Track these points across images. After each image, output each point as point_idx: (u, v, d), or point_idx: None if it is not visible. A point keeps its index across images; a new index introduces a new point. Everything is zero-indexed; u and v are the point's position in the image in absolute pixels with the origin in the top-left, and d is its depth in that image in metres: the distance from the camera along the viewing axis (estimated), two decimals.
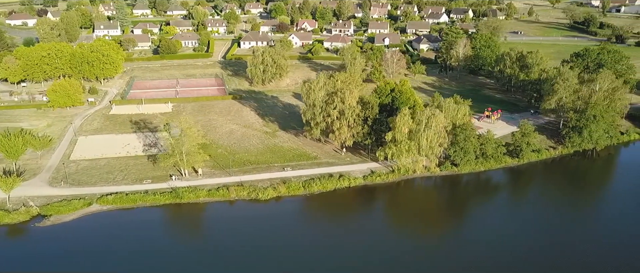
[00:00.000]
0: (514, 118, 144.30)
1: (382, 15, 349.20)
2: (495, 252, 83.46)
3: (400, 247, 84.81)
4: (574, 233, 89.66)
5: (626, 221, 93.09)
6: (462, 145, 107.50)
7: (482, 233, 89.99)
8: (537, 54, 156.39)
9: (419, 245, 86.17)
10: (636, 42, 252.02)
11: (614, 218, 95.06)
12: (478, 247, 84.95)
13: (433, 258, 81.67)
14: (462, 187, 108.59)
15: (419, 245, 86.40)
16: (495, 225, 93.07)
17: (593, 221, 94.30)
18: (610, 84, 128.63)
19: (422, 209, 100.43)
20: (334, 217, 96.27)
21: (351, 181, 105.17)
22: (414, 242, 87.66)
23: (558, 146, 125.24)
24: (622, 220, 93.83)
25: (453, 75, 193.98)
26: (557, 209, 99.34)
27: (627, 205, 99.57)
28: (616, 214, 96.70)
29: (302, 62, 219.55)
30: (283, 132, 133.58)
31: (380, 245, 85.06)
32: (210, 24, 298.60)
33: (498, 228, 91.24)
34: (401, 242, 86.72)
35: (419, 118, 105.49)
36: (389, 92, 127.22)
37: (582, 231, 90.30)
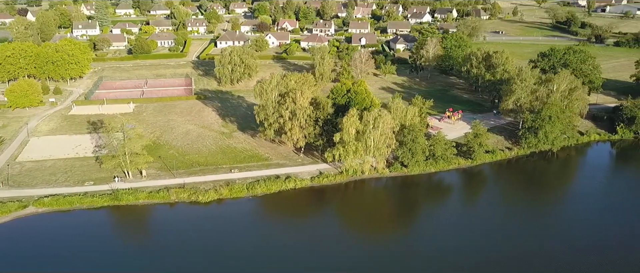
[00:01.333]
0: (476, 118, 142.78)
1: (365, 15, 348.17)
2: (442, 254, 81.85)
3: (340, 249, 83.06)
4: (524, 235, 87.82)
5: (577, 223, 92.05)
6: (410, 146, 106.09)
7: (426, 234, 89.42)
8: (502, 54, 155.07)
9: (360, 249, 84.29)
10: (615, 42, 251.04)
11: (565, 220, 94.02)
12: (424, 248, 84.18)
13: (374, 263, 79.96)
14: (410, 188, 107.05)
15: (359, 248, 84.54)
16: (441, 226, 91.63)
17: (544, 224, 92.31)
18: (568, 84, 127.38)
19: (365, 211, 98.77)
20: (274, 219, 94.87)
21: (297, 183, 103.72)
22: (355, 245, 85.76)
23: (514, 147, 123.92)
24: (574, 221, 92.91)
25: (424, 75, 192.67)
26: (506, 210, 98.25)
27: (580, 207, 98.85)
28: (567, 215, 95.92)
29: (276, 62, 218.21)
30: (240, 133, 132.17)
31: (319, 248, 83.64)
32: (190, 23, 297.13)
33: (444, 230, 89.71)
34: (341, 245, 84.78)
35: (366, 119, 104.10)
36: (345, 93, 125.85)
37: (533, 234, 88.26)
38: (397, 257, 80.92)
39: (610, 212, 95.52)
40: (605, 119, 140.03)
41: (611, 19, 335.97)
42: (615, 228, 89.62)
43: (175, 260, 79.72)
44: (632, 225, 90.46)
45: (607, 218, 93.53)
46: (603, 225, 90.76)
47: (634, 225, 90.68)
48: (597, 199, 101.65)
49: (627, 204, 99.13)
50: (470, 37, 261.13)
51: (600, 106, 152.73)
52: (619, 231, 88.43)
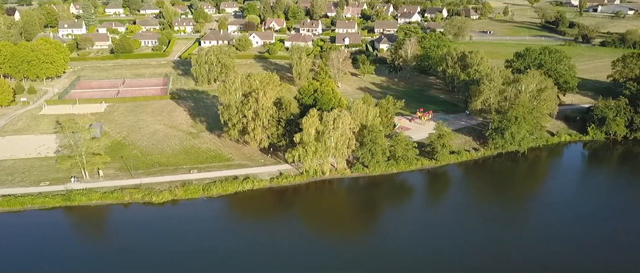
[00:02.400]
0: (448, 118, 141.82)
1: (355, 15, 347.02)
2: (402, 255, 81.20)
3: (293, 251, 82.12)
4: (486, 236, 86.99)
5: (540, 225, 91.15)
6: (369, 147, 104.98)
7: (386, 235, 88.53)
8: (477, 54, 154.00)
9: (315, 251, 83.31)
10: (600, 42, 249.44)
11: (528, 221, 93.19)
12: (383, 249, 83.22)
13: (328, 265, 79.03)
14: (370, 189, 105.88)
15: (314, 250, 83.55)
16: (401, 227, 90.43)
17: (507, 225, 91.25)
18: (537, 84, 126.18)
19: (323, 212, 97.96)
20: (227, 221, 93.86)
21: (255, 184, 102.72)
22: (310, 247, 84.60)
23: (482, 147, 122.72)
24: (537, 223, 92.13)
25: (403, 75, 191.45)
26: (468, 211, 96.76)
27: (544, 208, 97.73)
28: (530, 216, 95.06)
29: (257, 62, 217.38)
30: (208, 133, 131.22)
31: (270, 249, 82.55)
32: (177, 23, 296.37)
33: (404, 231, 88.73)
34: (295, 246, 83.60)
35: (325, 119, 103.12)
36: (312, 93, 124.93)
37: (496, 235, 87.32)
38: (355, 258, 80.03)
39: (573, 214, 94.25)
40: (578, 120, 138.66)
41: (601, 19, 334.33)
42: (577, 230, 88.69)
43: (121, 261, 78.83)
44: (597, 227, 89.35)
45: (570, 219, 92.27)
46: (567, 227, 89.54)
47: (599, 227, 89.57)
48: (561, 200, 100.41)
49: (593, 205, 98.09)
50: (456, 37, 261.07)
51: (574, 107, 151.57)
52: (583, 233, 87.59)
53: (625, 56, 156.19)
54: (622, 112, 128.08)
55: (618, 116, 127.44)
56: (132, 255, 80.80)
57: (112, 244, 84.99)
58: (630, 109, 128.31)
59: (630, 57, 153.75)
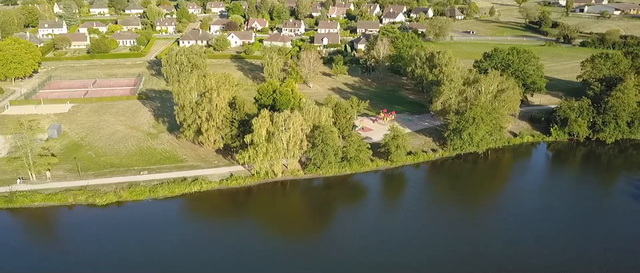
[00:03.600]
0: (411, 119, 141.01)
1: (340, 15, 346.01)
2: (349, 257, 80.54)
3: (236, 254, 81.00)
4: (437, 238, 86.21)
5: (495, 226, 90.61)
6: (321, 148, 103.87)
7: (336, 236, 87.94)
8: (445, 54, 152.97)
9: (259, 253, 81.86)
10: (581, 42, 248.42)
11: (481, 222, 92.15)
12: (333, 250, 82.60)
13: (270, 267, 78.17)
14: (322, 190, 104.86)
15: (259, 252, 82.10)
16: (352, 228, 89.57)
17: (459, 227, 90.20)
18: (499, 85, 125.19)
19: (272, 213, 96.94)
20: (169, 223, 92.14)
21: (203, 186, 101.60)
22: (254, 248, 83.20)
23: (440, 148, 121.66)
24: (492, 224, 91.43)
25: (375, 76, 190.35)
26: (419, 213, 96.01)
27: (498, 210, 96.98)
28: (484, 217, 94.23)
29: (232, 62, 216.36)
30: (168, 134, 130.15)
31: (213, 252, 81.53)
32: (159, 23, 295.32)
33: (355, 232, 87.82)
34: (238, 249, 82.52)
35: (276, 120, 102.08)
36: (271, 94, 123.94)
37: (447, 237, 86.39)
38: (303, 259, 79.58)
39: (528, 215, 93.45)
40: (543, 121, 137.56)
41: (587, 19, 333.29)
42: (532, 230, 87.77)
43: (59, 263, 77.91)
44: (552, 229, 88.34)
45: (524, 221, 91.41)
46: (522, 228, 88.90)
47: (552, 228, 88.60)
48: (517, 201, 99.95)
49: (549, 206, 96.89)
50: (438, 37, 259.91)
51: (542, 107, 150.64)
52: (539, 234, 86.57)
53: (594, 57, 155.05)
54: (585, 113, 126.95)
55: (580, 117, 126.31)
56: (71, 257, 79.91)
57: (52, 246, 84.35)
58: (592, 110, 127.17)
59: (599, 58, 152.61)
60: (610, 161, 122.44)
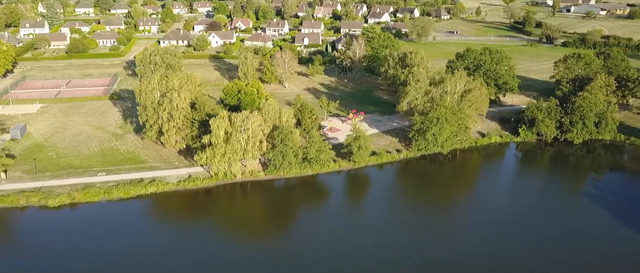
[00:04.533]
0: (381, 120, 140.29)
1: (325, 15, 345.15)
2: (306, 259, 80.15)
3: (188, 256, 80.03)
4: (395, 239, 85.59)
5: (457, 227, 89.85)
6: (280, 148, 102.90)
7: (294, 237, 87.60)
8: (417, 54, 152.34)
9: (212, 255, 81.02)
10: (562, 43, 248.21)
11: (443, 223, 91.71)
12: (287, 253, 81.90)
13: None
14: (282, 192, 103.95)
15: (212, 255, 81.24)
16: (310, 230, 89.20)
17: (421, 226, 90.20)
18: (466, 85, 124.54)
19: (228, 215, 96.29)
20: (122, 225, 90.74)
21: (159, 187, 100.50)
22: (208, 251, 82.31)
23: (405, 149, 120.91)
24: (454, 226, 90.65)
25: (352, 76, 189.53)
26: (380, 213, 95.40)
27: (460, 211, 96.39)
28: (446, 218, 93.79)
29: (211, 62, 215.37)
30: (133, 134, 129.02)
31: (166, 255, 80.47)
32: (142, 23, 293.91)
33: (314, 233, 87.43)
34: (190, 251, 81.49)
35: (234, 120, 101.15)
36: (236, 94, 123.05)
37: (406, 237, 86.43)
38: (258, 261, 78.65)
39: (491, 216, 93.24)
40: (513, 121, 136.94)
41: (573, 19, 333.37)
42: (495, 231, 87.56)
43: (6, 265, 76.84)
44: (515, 229, 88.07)
45: (487, 221, 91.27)
46: (484, 228, 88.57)
47: (519, 228, 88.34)
48: (480, 202, 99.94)
49: (513, 206, 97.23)
50: (420, 37, 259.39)
51: (514, 108, 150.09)
52: (501, 234, 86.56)
53: (567, 57, 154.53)
54: (552, 113, 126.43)
55: (548, 117, 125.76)
56: (18, 259, 78.72)
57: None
58: (560, 111, 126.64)
59: (571, 58, 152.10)
60: (575, 161, 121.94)
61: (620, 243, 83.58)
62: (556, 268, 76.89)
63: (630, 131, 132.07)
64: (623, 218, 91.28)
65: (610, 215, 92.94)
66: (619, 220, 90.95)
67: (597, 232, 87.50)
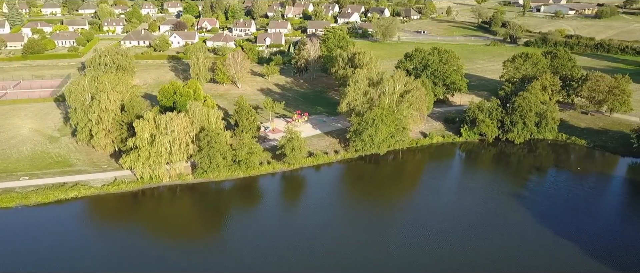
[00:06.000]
0: (325, 120, 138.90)
1: (296, 15, 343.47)
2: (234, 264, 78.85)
3: (106, 262, 77.93)
4: (328, 241, 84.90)
5: (391, 229, 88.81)
6: (206, 151, 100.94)
7: (216, 242, 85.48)
8: (365, 55, 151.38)
9: (132, 262, 79.14)
10: (525, 42, 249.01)
11: (378, 224, 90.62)
12: (207, 259, 79.73)
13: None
14: (210, 195, 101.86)
15: (131, 261, 79.35)
16: (234, 232, 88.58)
17: (354, 227, 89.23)
18: (406, 85, 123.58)
19: (151, 220, 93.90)
20: (36, 231, 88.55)
21: (81, 191, 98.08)
22: (126, 257, 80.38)
23: (344, 150, 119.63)
24: (387, 227, 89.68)
25: (308, 76, 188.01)
26: (311, 215, 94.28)
27: (394, 212, 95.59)
28: (377, 219, 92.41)
29: (168, 62, 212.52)
30: (70, 137, 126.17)
31: (77, 261, 78.54)
32: (106, 23, 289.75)
33: (236, 236, 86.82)
34: (108, 259, 79.47)
35: (158, 122, 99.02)
36: (172, 95, 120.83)
37: (343, 239, 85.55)
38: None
39: (424, 216, 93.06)
40: (457, 121, 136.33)
41: (542, 19, 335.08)
42: (428, 231, 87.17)
43: None
44: (444, 230, 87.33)
45: (412, 223, 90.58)
46: (418, 229, 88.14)
47: (444, 230, 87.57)
48: (414, 202, 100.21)
49: (447, 207, 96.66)
50: (385, 37, 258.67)
51: (461, 108, 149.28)
52: (435, 235, 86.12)
53: (515, 56, 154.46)
54: (494, 113, 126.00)
55: (489, 117, 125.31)
56: None
57: None
58: (501, 111, 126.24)
59: (519, 58, 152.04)
60: (513, 161, 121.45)
61: (543, 241, 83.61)
62: (483, 265, 76.89)
63: (572, 130, 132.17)
64: (545, 218, 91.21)
65: (533, 214, 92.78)
66: (542, 219, 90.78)
67: (521, 230, 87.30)
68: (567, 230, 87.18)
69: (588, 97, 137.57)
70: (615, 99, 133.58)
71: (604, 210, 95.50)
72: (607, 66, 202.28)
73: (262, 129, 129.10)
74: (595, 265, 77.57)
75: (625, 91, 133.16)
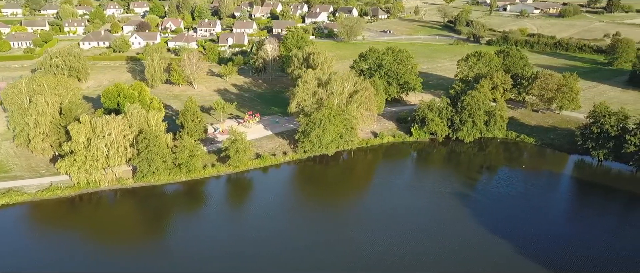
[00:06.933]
0: (278, 122, 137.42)
1: (263, 15, 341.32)
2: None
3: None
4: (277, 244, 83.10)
5: (341, 229, 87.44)
6: (145, 154, 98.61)
7: (151, 249, 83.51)
8: (320, 55, 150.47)
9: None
10: (487, 41, 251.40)
11: (318, 227, 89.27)
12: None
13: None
14: (148, 199, 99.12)
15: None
16: (173, 239, 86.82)
17: (295, 232, 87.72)
18: (354, 86, 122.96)
19: (87, 227, 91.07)
20: None
21: (13, 198, 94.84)
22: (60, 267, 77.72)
23: (292, 151, 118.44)
24: (340, 227, 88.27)
25: (266, 77, 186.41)
26: (254, 219, 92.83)
27: (344, 213, 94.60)
28: (322, 222, 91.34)
29: (127, 63, 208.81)
30: (11, 141, 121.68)
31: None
32: (67, 24, 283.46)
33: (182, 242, 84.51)
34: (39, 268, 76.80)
35: (94, 125, 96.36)
36: (116, 97, 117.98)
37: (287, 242, 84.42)
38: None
39: (369, 217, 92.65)
40: (409, 121, 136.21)
41: (507, 18, 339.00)
42: (372, 231, 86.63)
43: None
44: (388, 230, 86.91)
45: (358, 223, 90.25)
46: (364, 229, 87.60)
47: (388, 229, 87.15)
48: (361, 203, 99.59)
49: (390, 208, 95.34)
50: (349, 37, 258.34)
51: (415, 107, 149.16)
52: (382, 235, 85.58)
53: (468, 55, 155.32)
54: (443, 112, 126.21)
55: (438, 116, 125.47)
56: None
57: None
58: (451, 110, 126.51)
59: (472, 57, 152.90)
60: (460, 160, 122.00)
61: (481, 238, 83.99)
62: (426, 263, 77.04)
63: (522, 128, 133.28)
64: (485, 215, 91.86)
65: (472, 212, 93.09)
66: (483, 217, 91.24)
67: (454, 228, 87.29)
68: (506, 227, 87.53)
69: (538, 95, 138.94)
70: (564, 97, 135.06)
71: (545, 207, 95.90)
72: (564, 64, 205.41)
73: (212, 131, 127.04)
74: (532, 263, 77.74)
75: (573, 89, 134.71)
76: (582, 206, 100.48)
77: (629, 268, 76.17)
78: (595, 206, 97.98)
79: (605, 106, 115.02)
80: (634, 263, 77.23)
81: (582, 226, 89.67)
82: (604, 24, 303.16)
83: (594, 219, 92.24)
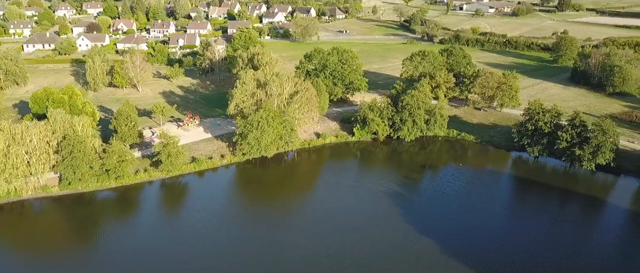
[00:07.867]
0: (219, 124, 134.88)
1: (220, 15, 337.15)
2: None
3: None
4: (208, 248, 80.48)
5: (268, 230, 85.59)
6: (69, 161, 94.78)
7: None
8: (265, 55, 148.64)
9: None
10: (439, 40, 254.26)
11: (254, 233, 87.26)
12: None
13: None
14: (76, 208, 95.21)
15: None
16: (109, 249, 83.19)
17: (231, 239, 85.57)
18: (294, 86, 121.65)
19: (3, 239, 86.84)
20: None
21: None
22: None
23: (231, 154, 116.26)
24: (279, 228, 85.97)
25: (214, 78, 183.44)
26: (188, 224, 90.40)
27: (278, 214, 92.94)
28: (260, 227, 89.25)
29: (71, 66, 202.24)
30: None
31: None
32: (12, 25, 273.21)
33: (114, 251, 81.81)
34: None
35: (13, 132, 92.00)
36: (45, 101, 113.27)
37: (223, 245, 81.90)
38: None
39: (308, 217, 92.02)
40: (353, 121, 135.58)
41: (463, 17, 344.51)
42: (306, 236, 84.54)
43: None
44: (325, 229, 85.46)
45: (307, 222, 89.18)
46: (300, 235, 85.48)
47: (324, 229, 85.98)
48: (299, 205, 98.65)
49: (330, 209, 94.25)
50: (304, 37, 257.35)
51: None
52: (317, 238, 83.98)
53: (413, 55, 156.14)
54: (384, 112, 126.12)
55: (379, 116, 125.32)
56: None
57: None
58: (391, 109, 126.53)
59: (416, 56, 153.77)
60: (403, 159, 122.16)
61: (405, 235, 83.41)
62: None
63: (463, 126, 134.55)
64: (418, 214, 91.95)
65: (405, 211, 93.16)
66: (416, 215, 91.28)
67: (382, 226, 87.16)
68: (436, 225, 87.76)
69: (480, 93, 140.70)
70: (504, 94, 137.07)
71: (478, 204, 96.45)
72: (512, 62, 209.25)
73: (149, 135, 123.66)
74: (454, 255, 78.06)
75: (513, 87, 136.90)
76: (516, 201, 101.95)
77: (558, 265, 77.14)
78: (528, 203, 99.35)
79: (540, 103, 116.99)
80: (563, 260, 78.35)
81: (515, 222, 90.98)
82: (555, 22, 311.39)
83: (526, 214, 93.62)
